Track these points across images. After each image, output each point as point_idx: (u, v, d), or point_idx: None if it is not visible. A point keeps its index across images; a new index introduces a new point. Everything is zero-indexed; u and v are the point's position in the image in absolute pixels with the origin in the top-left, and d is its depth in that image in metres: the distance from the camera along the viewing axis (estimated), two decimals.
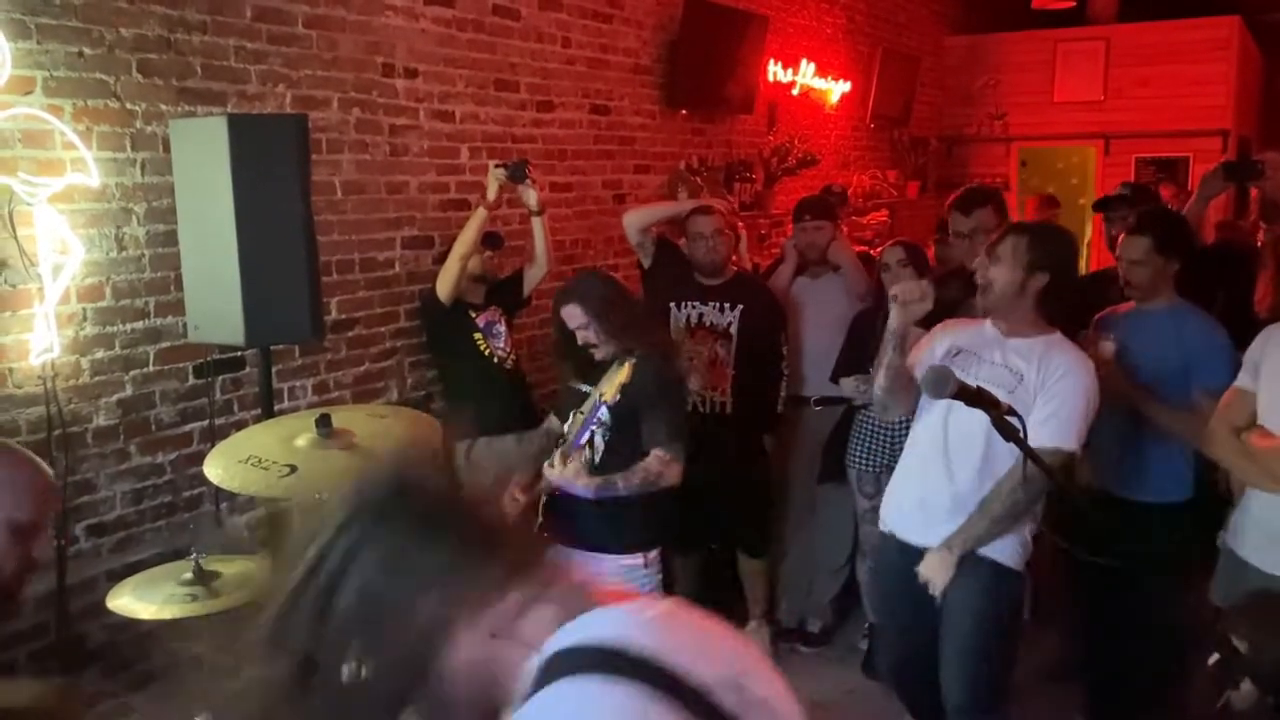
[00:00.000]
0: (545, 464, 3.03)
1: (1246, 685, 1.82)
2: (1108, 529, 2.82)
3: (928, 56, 9.23)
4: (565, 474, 2.95)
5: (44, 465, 1.63)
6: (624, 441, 3.07)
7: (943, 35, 9.65)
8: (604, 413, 3.08)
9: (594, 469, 3.06)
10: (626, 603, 1.04)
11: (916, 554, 2.85)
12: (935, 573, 2.76)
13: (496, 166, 3.97)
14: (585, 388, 3.25)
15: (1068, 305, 2.96)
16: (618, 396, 3.05)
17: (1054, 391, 2.72)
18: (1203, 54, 8.80)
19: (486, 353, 4.06)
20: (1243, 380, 2.72)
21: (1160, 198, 6.13)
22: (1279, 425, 2.57)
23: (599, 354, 3.14)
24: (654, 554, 3.23)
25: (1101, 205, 4.42)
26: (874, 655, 4.18)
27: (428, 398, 4.33)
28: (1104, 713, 3.55)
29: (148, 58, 3.24)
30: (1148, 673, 3.32)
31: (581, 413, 3.16)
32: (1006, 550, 2.79)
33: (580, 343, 3.13)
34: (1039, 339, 2.84)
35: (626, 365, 3.07)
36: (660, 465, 3.01)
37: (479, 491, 1.12)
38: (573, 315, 3.12)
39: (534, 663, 0.97)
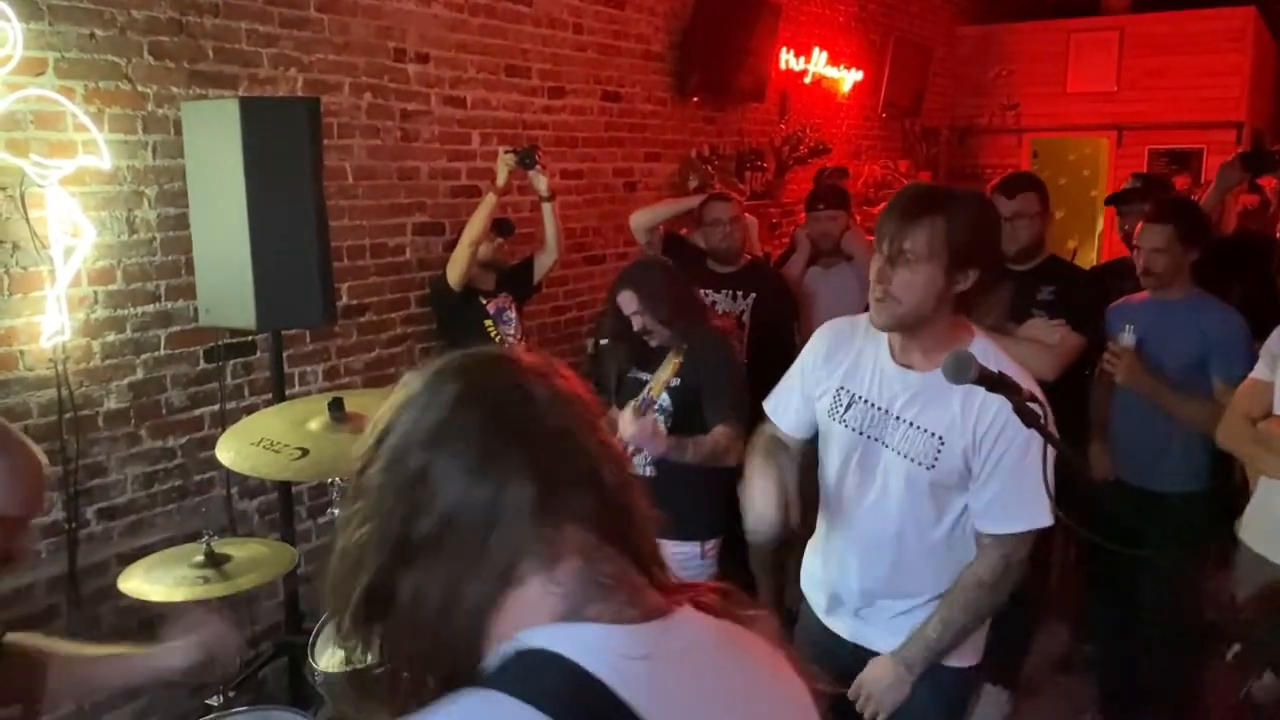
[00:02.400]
0: (621, 419, 2.95)
1: (1269, 676, 1.81)
2: (1128, 518, 2.80)
3: (940, 46, 9.17)
4: (644, 423, 2.79)
5: (38, 455, 1.61)
6: (686, 427, 3.03)
7: (955, 25, 9.60)
8: (665, 400, 3.10)
9: (653, 459, 3.01)
10: (634, 622, 0.89)
11: (834, 639, 2.27)
12: (882, 691, 2.09)
13: (506, 152, 3.95)
14: (645, 376, 3.25)
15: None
16: (665, 393, 3.06)
17: (992, 444, 1.98)
18: (1217, 45, 8.73)
19: (497, 339, 4.04)
20: (1260, 372, 2.70)
21: (1174, 187, 6.09)
22: None
23: (653, 340, 3.15)
24: (712, 544, 3.21)
25: (1115, 199, 4.39)
26: None
27: None
28: (1118, 704, 3.54)
29: (160, 40, 3.23)
30: (1163, 664, 3.31)
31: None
32: (964, 650, 2.17)
33: (636, 329, 3.14)
34: None
35: (672, 361, 3.07)
36: (727, 440, 2.94)
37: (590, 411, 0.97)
38: (627, 301, 3.14)
39: (500, 650, 0.86)
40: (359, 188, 3.95)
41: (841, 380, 2.15)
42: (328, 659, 2.27)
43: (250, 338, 3.53)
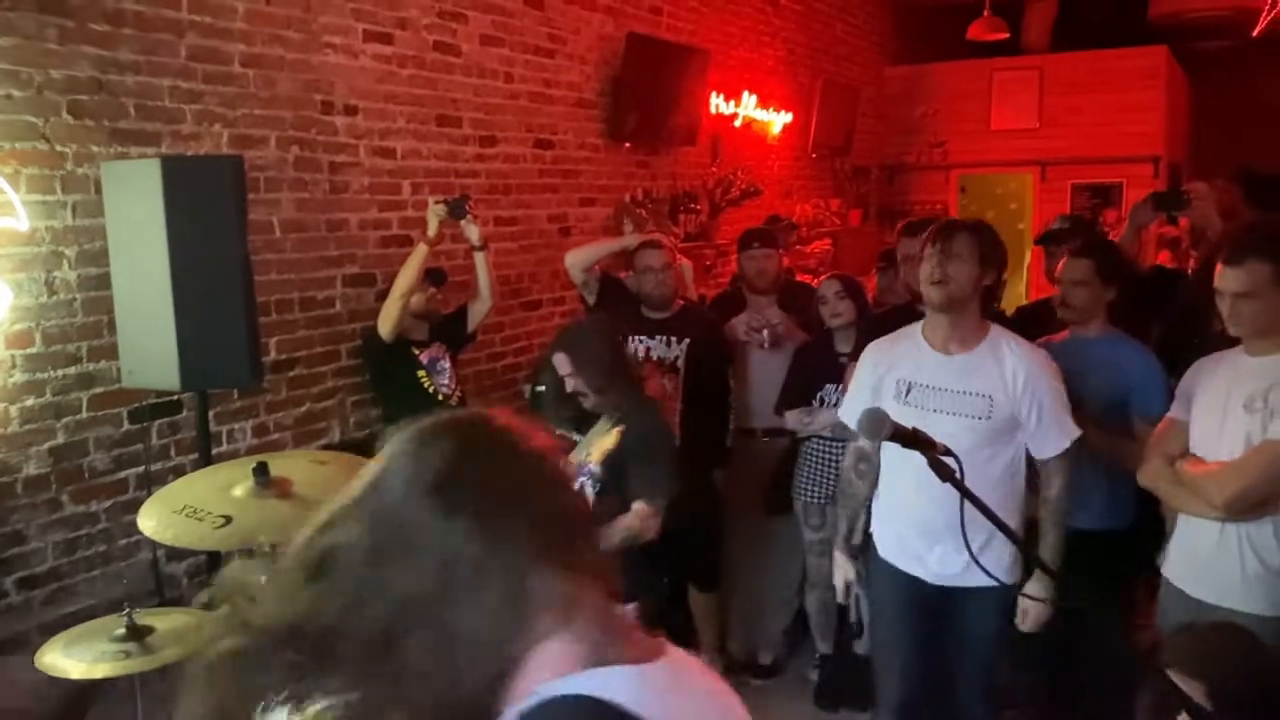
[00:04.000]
0: None
1: (1183, 718, 1.84)
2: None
3: (868, 86, 9.38)
4: None
5: None
6: (614, 494, 3.04)
7: (882, 65, 9.82)
8: (594, 468, 3.08)
9: None
10: (646, 662, 0.97)
11: (920, 585, 2.87)
12: (1042, 609, 2.84)
13: (436, 203, 3.95)
14: (576, 437, 3.24)
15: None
16: (603, 461, 3.05)
17: (1029, 397, 2.74)
18: (1133, 83, 9.05)
19: (431, 390, 4.02)
20: (1176, 411, 2.77)
21: (1100, 224, 6.26)
22: (1210, 453, 2.62)
23: (586, 404, 3.15)
24: (630, 607, 3.17)
25: (1045, 240, 4.51)
26: (825, 686, 4.19)
27: (371, 437, 4.27)
28: None
29: (79, 99, 3.19)
30: (1094, 700, 3.36)
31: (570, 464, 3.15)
32: (1006, 566, 2.80)
33: (570, 390, 3.14)
34: (983, 345, 2.81)
35: (614, 432, 3.06)
36: (640, 521, 2.98)
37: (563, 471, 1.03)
38: (561, 364, 3.15)
39: (528, 700, 0.90)
40: (287, 241, 3.92)
41: (898, 373, 2.85)
42: None
43: (176, 397, 3.47)
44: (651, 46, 5.90)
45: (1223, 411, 2.60)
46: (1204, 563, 2.64)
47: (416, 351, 4.02)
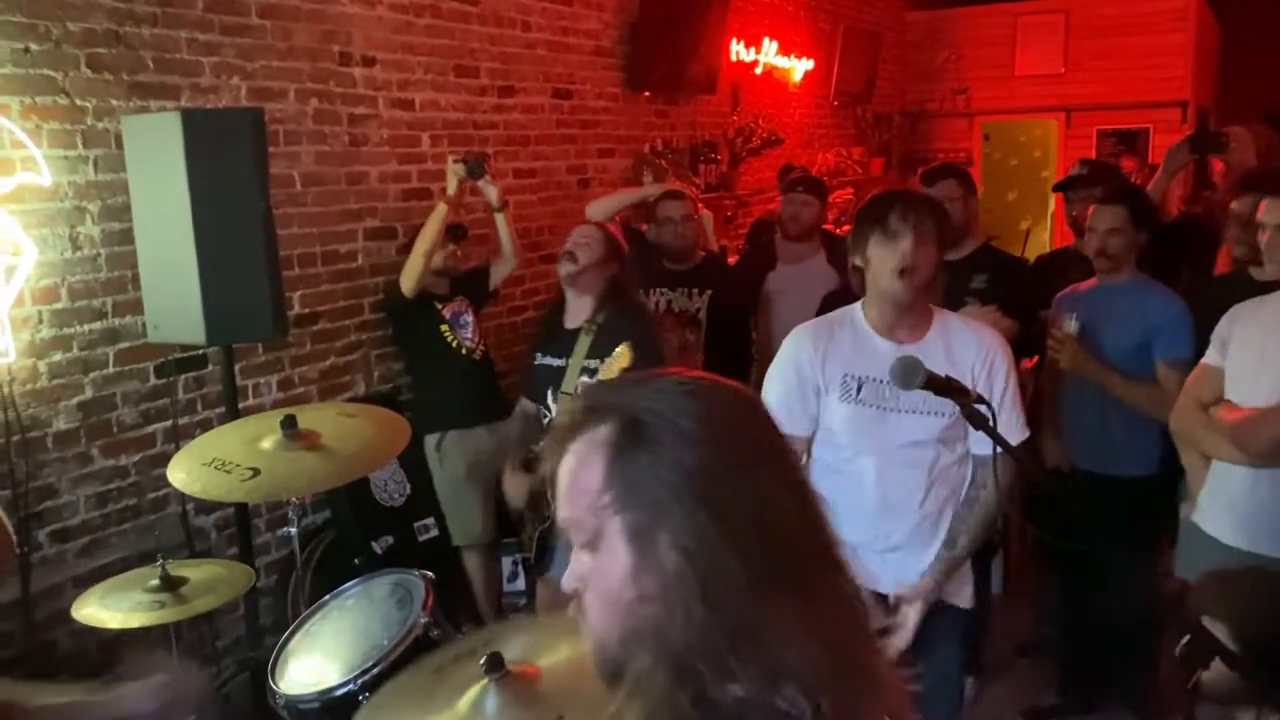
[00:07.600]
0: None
1: (1217, 664, 1.84)
2: (1077, 509, 2.83)
3: (889, 32, 9.22)
4: None
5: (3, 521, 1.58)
6: None
7: (904, 10, 9.64)
8: None
9: None
10: None
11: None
12: (916, 610, 2.34)
13: (455, 162, 3.90)
14: (556, 362, 3.22)
15: None
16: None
17: (996, 384, 2.33)
18: (1161, 25, 8.85)
19: (454, 344, 4.02)
20: (1211, 357, 2.73)
21: (1121, 171, 6.17)
22: (1245, 399, 2.59)
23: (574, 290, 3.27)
24: None
25: (1063, 186, 4.44)
26: None
27: (395, 391, 4.29)
28: (1077, 689, 3.59)
29: (97, 52, 3.17)
30: (1119, 649, 3.36)
31: (568, 393, 3.12)
32: (968, 592, 2.50)
33: (563, 275, 3.27)
34: (934, 331, 2.39)
35: (625, 348, 3.03)
36: None
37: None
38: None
39: None
40: (308, 194, 3.91)
41: (845, 368, 2.38)
42: (289, 681, 2.25)
43: (201, 351, 3.49)
44: None
45: (1259, 357, 2.56)
46: (1240, 509, 2.61)
47: (439, 306, 4.02)
